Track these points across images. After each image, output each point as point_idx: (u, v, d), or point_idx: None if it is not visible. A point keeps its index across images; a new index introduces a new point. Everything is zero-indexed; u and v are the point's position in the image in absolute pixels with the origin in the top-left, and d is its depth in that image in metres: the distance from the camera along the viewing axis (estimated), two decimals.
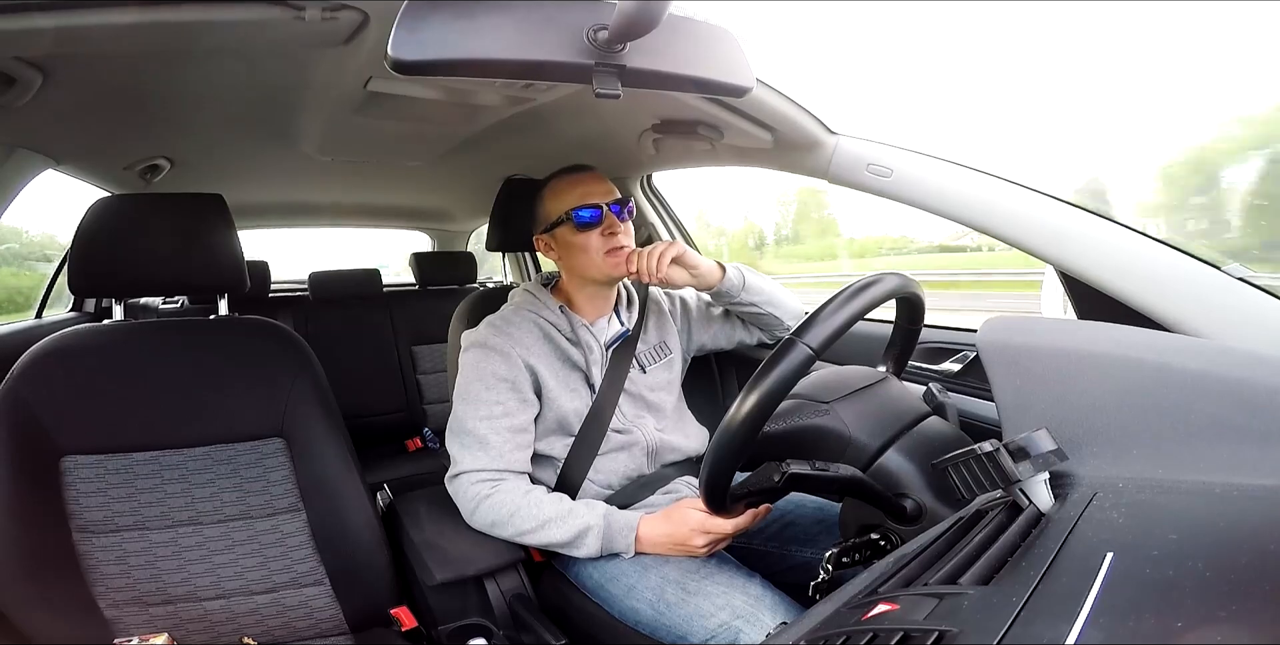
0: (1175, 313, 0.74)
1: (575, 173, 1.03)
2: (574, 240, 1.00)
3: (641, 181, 1.71)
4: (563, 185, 1.02)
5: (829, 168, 1.00)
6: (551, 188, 1.04)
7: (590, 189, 1.00)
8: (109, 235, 0.97)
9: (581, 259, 1.01)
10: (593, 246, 0.99)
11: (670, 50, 0.62)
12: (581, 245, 1.00)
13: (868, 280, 0.69)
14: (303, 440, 1.01)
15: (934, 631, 0.34)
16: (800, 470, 0.65)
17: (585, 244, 0.99)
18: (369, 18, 0.72)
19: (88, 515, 0.90)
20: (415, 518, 1.02)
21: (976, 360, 1.08)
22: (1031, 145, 16.73)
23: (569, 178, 1.03)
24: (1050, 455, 0.47)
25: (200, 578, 0.93)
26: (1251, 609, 0.30)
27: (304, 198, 2.19)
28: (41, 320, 1.75)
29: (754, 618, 0.78)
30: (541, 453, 1.01)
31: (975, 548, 0.44)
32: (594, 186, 1.01)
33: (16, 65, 0.82)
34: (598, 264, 1.00)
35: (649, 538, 0.88)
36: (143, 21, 0.67)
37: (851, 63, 39.50)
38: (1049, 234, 0.83)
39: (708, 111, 1.01)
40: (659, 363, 1.10)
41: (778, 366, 0.61)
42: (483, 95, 1.07)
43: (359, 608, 0.98)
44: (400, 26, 0.53)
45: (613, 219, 0.99)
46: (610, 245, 0.99)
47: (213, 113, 1.20)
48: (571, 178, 1.03)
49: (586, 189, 1.00)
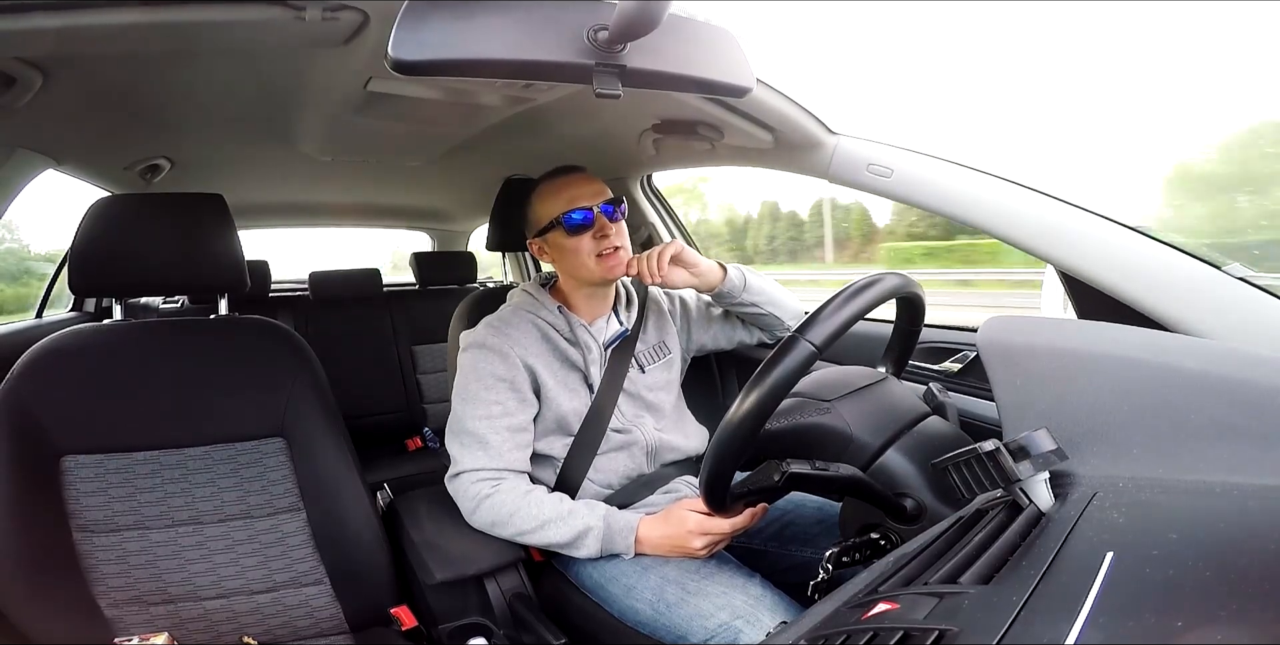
0: (1175, 312, 0.74)
1: (564, 175, 1.02)
2: (566, 244, 0.99)
3: (641, 181, 1.72)
4: (552, 188, 1.01)
5: (829, 168, 1.00)
6: (540, 191, 1.03)
7: (579, 192, 0.99)
8: (109, 235, 0.97)
9: (575, 262, 1.00)
10: (584, 250, 0.98)
11: (670, 50, 0.62)
12: (574, 249, 0.99)
13: (869, 279, 0.69)
14: (303, 440, 1.01)
15: (934, 631, 0.34)
16: (800, 470, 0.65)
17: (577, 247, 0.98)
18: (369, 18, 0.72)
19: (88, 515, 0.90)
20: (415, 517, 1.02)
21: (977, 360, 1.08)
22: (1031, 145, 16.70)
23: (558, 180, 1.02)
24: (1050, 455, 0.47)
25: (200, 577, 0.93)
26: (1252, 608, 0.30)
27: (304, 198, 2.19)
28: (41, 320, 1.75)
29: (754, 617, 0.78)
30: (541, 452, 1.01)
31: (975, 547, 0.44)
32: (583, 188, 1.00)
33: (17, 65, 0.82)
34: (590, 267, 0.99)
35: (648, 539, 0.88)
36: (143, 22, 0.67)
37: (851, 62, 39.45)
38: (1049, 233, 0.83)
39: (708, 112, 1.01)
40: (658, 363, 1.10)
41: (780, 364, 0.61)
42: (483, 95, 1.07)
43: (359, 607, 0.98)
44: (400, 27, 0.53)
45: (604, 221, 0.98)
46: (602, 247, 0.98)
47: (213, 113, 1.21)
48: (560, 180, 1.01)
49: (576, 192, 0.99)
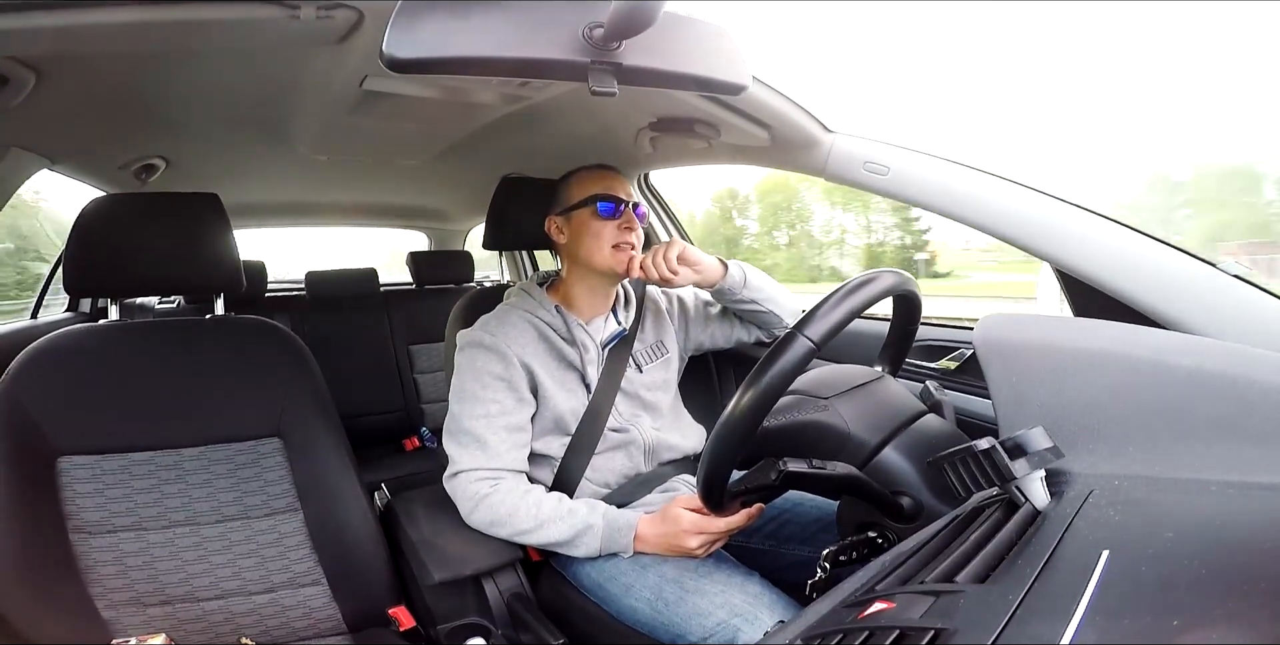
0: (1171, 310, 0.74)
1: (605, 169, 1.08)
2: (590, 226, 1.03)
3: (639, 180, 1.71)
4: (591, 175, 1.07)
5: (826, 166, 1.00)
6: (578, 175, 1.08)
7: (617, 185, 1.05)
8: (104, 235, 0.96)
9: (591, 245, 1.03)
10: (605, 236, 1.02)
11: (666, 48, 0.62)
12: (595, 231, 1.02)
13: (866, 277, 0.69)
14: (300, 440, 1.00)
15: (930, 630, 0.34)
16: (797, 468, 0.65)
17: (600, 232, 1.02)
18: (364, 16, 0.72)
19: (84, 516, 0.90)
20: (413, 517, 1.02)
21: (973, 357, 1.08)
22: (1032, 144, 16.75)
23: (598, 171, 1.07)
24: (1046, 452, 0.47)
25: (198, 578, 0.93)
26: (1248, 607, 0.30)
27: (300, 197, 2.18)
28: (37, 321, 1.74)
29: (752, 616, 0.78)
30: (538, 452, 1.01)
31: (972, 545, 0.44)
32: (619, 185, 1.06)
33: (11, 65, 0.81)
34: (604, 253, 1.02)
35: (647, 537, 0.88)
36: (137, 21, 0.67)
37: (851, 62, 39.53)
38: (1045, 231, 0.83)
39: (705, 109, 1.01)
40: (656, 362, 1.10)
41: (779, 360, 0.61)
42: (479, 94, 1.07)
43: (357, 608, 0.98)
44: (395, 25, 0.53)
45: (631, 216, 1.03)
46: (621, 239, 1.02)
47: (208, 112, 1.20)
48: (600, 171, 1.07)
49: (613, 183, 1.05)
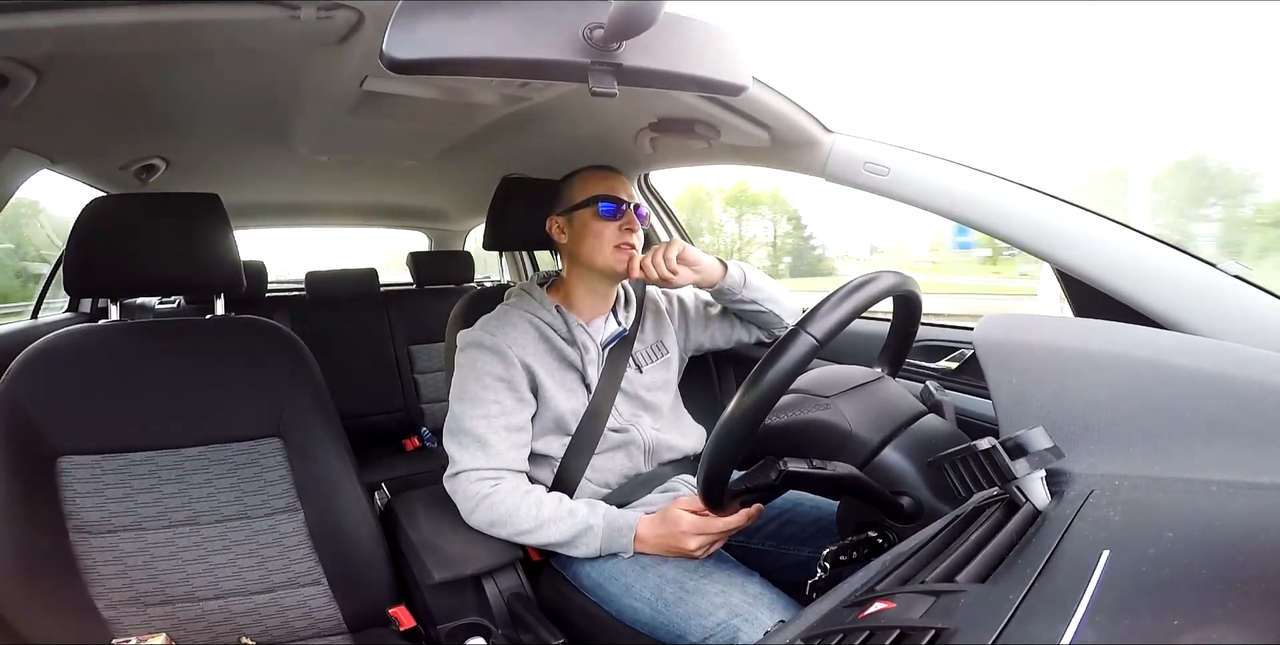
0: (1171, 310, 0.74)
1: (607, 170, 1.09)
2: (591, 226, 1.03)
3: (639, 180, 1.71)
4: (594, 176, 1.07)
5: (825, 166, 1.00)
6: (581, 175, 1.08)
7: (617, 186, 1.06)
8: (104, 235, 0.96)
9: (592, 245, 1.03)
10: (607, 236, 1.02)
11: (667, 48, 0.62)
12: (597, 232, 1.03)
13: (868, 276, 0.69)
14: (300, 440, 1.00)
15: (930, 629, 0.34)
16: (798, 468, 0.65)
17: (601, 232, 1.03)
18: (364, 17, 0.72)
19: (84, 516, 0.90)
20: (413, 517, 1.02)
21: (973, 358, 1.08)
22: (1031, 144, 16.70)
23: (600, 172, 1.08)
24: (1046, 453, 0.47)
25: (198, 578, 0.93)
26: (1248, 607, 0.30)
27: (300, 197, 2.18)
28: (37, 321, 1.74)
29: (752, 616, 0.78)
30: (538, 452, 1.01)
31: (972, 545, 0.44)
32: (621, 186, 1.06)
33: (11, 65, 0.81)
34: (605, 253, 1.02)
35: (646, 538, 0.88)
36: (137, 21, 0.67)
37: (850, 62, 39.42)
38: (1045, 232, 0.83)
39: (705, 110, 1.01)
40: (656, 362, 1.10)
41: (782, 357, 0.61)
42: (479, 94, 1.07)
43: (357, 607, 0.98)
44: (395, 25, 0.53)
45: (632, 217, 1.04)
46: (622, 240, 1.02)
47: (208, 113, 1.20)
48: (603, 172, 1.08)
49: (615, 184, 1.06)
